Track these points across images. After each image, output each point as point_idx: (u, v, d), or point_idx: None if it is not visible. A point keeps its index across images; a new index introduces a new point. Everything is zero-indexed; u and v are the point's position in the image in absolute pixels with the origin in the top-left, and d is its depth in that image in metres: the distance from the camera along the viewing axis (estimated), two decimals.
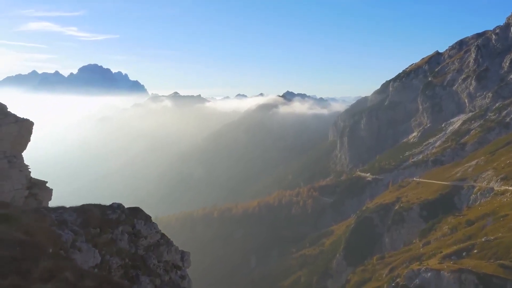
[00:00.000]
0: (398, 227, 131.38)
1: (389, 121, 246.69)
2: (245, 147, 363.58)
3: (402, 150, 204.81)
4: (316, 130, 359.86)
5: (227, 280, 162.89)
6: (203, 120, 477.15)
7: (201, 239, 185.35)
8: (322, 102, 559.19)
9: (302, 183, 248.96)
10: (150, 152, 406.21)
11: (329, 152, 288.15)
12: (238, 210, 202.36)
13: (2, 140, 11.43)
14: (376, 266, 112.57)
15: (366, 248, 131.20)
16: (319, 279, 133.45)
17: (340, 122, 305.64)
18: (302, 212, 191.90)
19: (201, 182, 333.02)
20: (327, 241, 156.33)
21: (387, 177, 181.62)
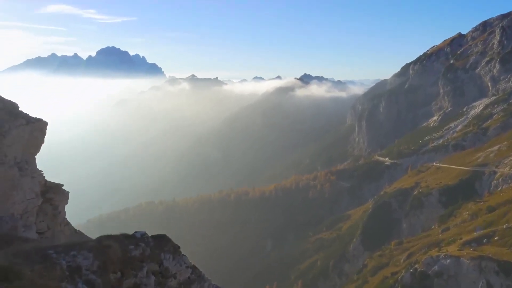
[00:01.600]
0: (417, 212, 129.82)
1: (409, 105, 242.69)
2: (262, 130, 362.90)
3: (422, 135, 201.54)
4: (334, 114, 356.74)
5: (243, 263, 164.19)
6: (220, 103, 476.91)
7: (218, 222, 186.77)
8: (340, 85, 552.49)
9: (319, 167, 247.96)
10: (168, 135, 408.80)
11: (347, 136, 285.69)
12: (254, 193, 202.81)
13: (12, 146, 10.56)
14: (393, 251, 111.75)
15: (384, 233, 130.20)
16: (335, 263, 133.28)
17: (359, 105, 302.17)
18: (319, 196, 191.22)
19: (218, 165, 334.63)
20: (344, 225, 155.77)
21: (406, 162, 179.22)
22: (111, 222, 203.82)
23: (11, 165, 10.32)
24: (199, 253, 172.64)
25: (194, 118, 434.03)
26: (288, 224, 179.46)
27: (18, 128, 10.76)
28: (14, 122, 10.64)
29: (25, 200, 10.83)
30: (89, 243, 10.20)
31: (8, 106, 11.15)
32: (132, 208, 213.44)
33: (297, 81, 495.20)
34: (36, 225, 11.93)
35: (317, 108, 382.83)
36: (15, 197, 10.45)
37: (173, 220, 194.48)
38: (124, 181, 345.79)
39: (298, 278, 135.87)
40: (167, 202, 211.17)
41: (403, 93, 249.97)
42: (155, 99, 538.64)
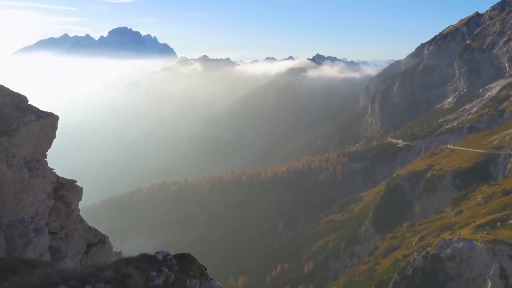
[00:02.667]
0: (430, 195, 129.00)
1: (423, 86, 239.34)
2: (274, 111, 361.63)
3: (436, 116, 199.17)
4: (347, 95, 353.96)
5: (255, 243, 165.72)
6: (232, 84, 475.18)
7: (230, 203, 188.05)
8: (353, 65, 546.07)
9: (332, 148, 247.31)
10: (180, 115, 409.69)
11: (360, 117, 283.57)
12: (267, 175, 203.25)
13: (21, 145, 9.86)
14: (405, 233, 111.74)
15: (396, 216, 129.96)
16: (347, 245, 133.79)
17: (372, 86, 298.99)
18: (331, 178, 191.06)
19: (230, 146, 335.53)
20: (356, 207, 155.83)
21: (419, 144, 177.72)
22: (124, 202, 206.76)
23: (21, 166, 9.73)
24: (211, 234, 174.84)
25: (206, 99, 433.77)
26: (300, 205, 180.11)
27: (28, 125, 10.10)
28: (23, 119, 9.93)
29: (36, 202, 10.27)
30: (105, 271, 8.81)
31: (16, 100, 10.49)
32: (145, 188, 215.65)
33: (309, 62, 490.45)
34: (48, 225, 11.48)
35: (330, 89, 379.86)
36: (25, 200, 9.91)
37: (185, 200, 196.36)
38: (136, 162, 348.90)
39: (309, 259, 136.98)
40: (180, 183, 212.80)
41: (418, 74, 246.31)
42: (167, 80, 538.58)
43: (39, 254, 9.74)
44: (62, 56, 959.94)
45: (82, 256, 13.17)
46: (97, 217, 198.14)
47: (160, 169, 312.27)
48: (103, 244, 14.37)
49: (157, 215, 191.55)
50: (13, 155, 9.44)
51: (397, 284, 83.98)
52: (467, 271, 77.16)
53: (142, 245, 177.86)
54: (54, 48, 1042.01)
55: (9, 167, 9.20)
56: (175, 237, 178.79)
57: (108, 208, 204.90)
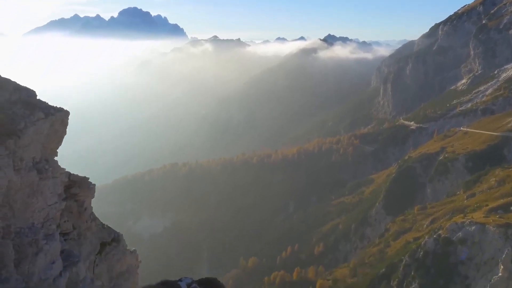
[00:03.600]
0: (442, 178, 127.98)
1: (437, 67, 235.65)
2: (285, 92, 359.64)
3: (450, 98, 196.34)
4: (358, 76, 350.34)
5: (265, 224, 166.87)
6: (243, 65, 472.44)
7: (240, 184, 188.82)
8: (365, 46, 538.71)
9: (343, 130, 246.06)
10: (190, 97, 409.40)
11: (372, 99, 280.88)
12: (277, 156, 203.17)
13: (29, 146, 9.19)
14: (416, 216, 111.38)
15: (407, 198, 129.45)
16: (357, 227, 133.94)
17: (384, 67, 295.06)
18: (342, 160, 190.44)
19: (241, 127, 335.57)
20: (367, 189, 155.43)
21: (432, 126, 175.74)
22: (136, 183, 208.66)
23: (29, 169, 9.10)
24: (221, 215, 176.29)
25: (216, 80, 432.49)
26: (310, 187, 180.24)
27: (36, 124, 9.35)
28: (30, 117, 9.23)
29: (47, 206, 9.67)
30: None
31: (24, 96, 9.81)
32: (156, 170, 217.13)
33: (321, 42, 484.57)
34: (60, 226, 11.05)
35: (341, 70, 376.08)
36: (34, 205, 9.28)
37: (196, 182, 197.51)
38: (147, 143, 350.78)
39: (319, 241, 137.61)
40: (190, 164, 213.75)
41: (431, 54, 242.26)
42: (177, 60, 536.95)
43: (51, 261, 9.34)
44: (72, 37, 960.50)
45: (96, 256, 12.80)
46: (109, 198, 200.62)
47: (171, 151, 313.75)
48: (117, 243, 13.80)
49: (168, 196, 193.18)
50: (20, 158, 8.84)
51: (407, 267, 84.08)
52: (479, 255, 76.87)
53: (154, 226, 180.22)
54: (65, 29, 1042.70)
55: (16, 172, 8.65)
56: (186, 217, 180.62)
57: (120, 189, 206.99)
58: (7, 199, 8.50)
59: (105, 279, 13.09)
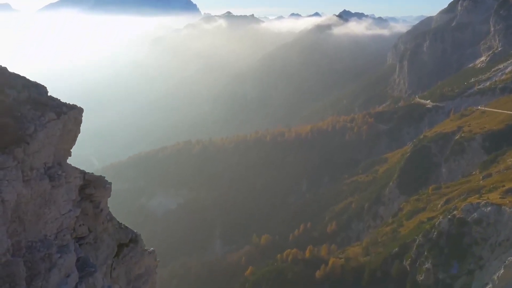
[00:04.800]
0: (457, 157, 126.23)
1: (455, 44, 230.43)
2: (299, 69, 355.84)
3: (467, 76, 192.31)
4: (374, 53, 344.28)
5: (279, 202, 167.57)
6: (256, 41, 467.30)
7: (253, 162, 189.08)
8: (381, 22, 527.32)
9: (357, 108, 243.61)
10: (204, 73, 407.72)
11: (387, 77, 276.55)
12: (291, 134, 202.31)
13: (40, 151, 8.37)
14: (431, 196, 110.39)
15: (421, 178, 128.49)
16: (370, 206, 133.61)
17: (401, 44, 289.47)
18: (356, 139, 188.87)
19: (254, 104, 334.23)
20: (381, 168, 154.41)
21: (448, 105, 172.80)
22: (150, 160, 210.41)
23: (40, 177, 8.34)
24: (234, 192, 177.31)
25: (230, 57, 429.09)
26: (324, 165, 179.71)
27: (47, 126, 8.55)
28: (41, 119, 8.45)
29: (60, 216, 8.97)
30: None
31: (34, 94, 9.01)
32: (169, 147, 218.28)
33: (336, 18, 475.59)
34: (75, 230, 10.43)
35: (357, 46, 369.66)
36: (47, 216, 8.60)
37: (209, 159, 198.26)
38: (160, 120, 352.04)
39: (332, 219, 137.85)
40: (204, 142, 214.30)
41: (450, 31, 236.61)
42: (191, 37, 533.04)
43: (65, 275, 8.71)
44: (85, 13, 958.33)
45: (113, 259, 12.26)
46: (123, 175, 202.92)
47: (184, 128, 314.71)
48: (134, 244, 13.21)
49: (181, 174, 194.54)
50: (30, 167, 8.13)
51: (421, 247, 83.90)
52: (494, 236, 76.19)
53: (167, 203, 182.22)
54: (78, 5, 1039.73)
55: (26, 183, 7.95)
56: (199, 195, 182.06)
57: (134, 165, 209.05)
58: (16, 214, 7.86)
59: (122, 283, 12.63)
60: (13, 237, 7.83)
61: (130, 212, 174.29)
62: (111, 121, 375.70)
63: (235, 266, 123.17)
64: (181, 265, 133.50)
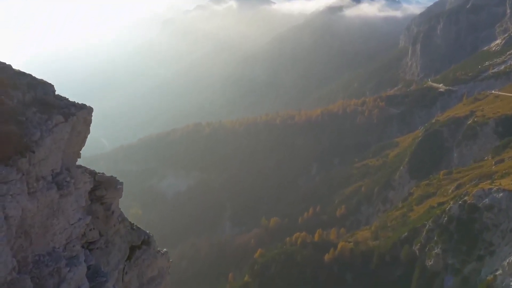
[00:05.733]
0: (470, 142, 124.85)
1: (470, 27, 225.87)
2: (310, 51, 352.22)
3: (482, 60, 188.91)
4: (386, 35, 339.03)
5: (288, 185, 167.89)
6: (267, 23, 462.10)
7: (263, 145, 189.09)
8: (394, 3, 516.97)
9: (368, 91, 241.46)
10: (213, 55, 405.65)
11: (399, 60, 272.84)
12: (301, 117, 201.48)
13: (47, 158, 7.75)
14: (442, 181, 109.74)
15: (432, 163, 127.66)
16: (380, 190, 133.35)
17: (414, 26, 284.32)
18: (367, 122, 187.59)
19: (264, 87, 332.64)
20: (391, 152, 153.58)
21: (461, 89, 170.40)
22: (160, 142, 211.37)
23: (47, 187, 7.73)
24: (244, 175, 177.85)
25: (240, 39, 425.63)
26: (334, 149, 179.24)
27: (54, 131, 7.90)
28: (48, 123, 7.82)
29: (69, 226, 8.36)
30: None
31: (40, 94, 8.33)
32: (179, 129, 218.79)
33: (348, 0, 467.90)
34: (85, 235, 9.91)
35: (369, 28, 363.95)
36: (55, 227, 8.01)
37: (219, 142, 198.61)
38: (170, 102, 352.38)
39: (341, 203, 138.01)
40: (214, 124, 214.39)
41: (464, 13, 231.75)
42: (200, 18, 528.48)
43: (75, 287, 8.21)
44: None
45: (125, 263, 11.72)
46: (134, 157, 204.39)
47: (193, 110, 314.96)
48: (147, 246, 12.64)
49: (191, 156, 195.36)
50: (36, 177, 7.51)
51: (430, 232, 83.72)
52: (505, 222, 75.74)
53: (177, 184, 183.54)
54: None
55: (31, 196, 7.36)
56: (209, 177, 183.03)
57: (144, 147, 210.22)
58: (22, 229, 7.31)
59: (134, 286, 12.16)
60: (19, 253, 7.32)
61: (140, 194, 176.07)
62: (121, 103, 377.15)
63: (244, 248, 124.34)
64: (190, 246, 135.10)
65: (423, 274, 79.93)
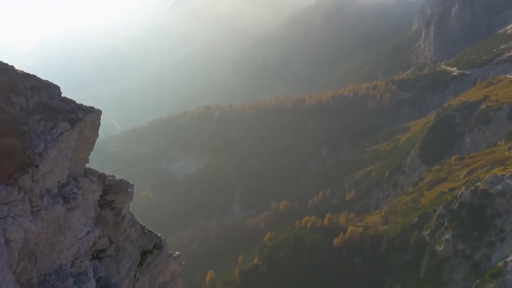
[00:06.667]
0: (483, 127, 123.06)
1: (486, 9, 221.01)
2: (321, 34, 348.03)
3: (497, 43, 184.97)
4: (399, 17, 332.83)
5: (298, 169, 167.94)
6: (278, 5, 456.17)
7: (274, 129, 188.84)
8: None
9: (380, 75, 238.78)
10: (224, 37, 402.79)
11: (412, 42, 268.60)
12: (311, 100, 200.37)
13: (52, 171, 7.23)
14: (453, 166, 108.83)
15: (444, 148, 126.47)
16: (390, 175, 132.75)
17: (427, 8, 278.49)
18: (378, 106, 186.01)
19: (275, 69, 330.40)
20: (403, 137, 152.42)
21: (475, 73, 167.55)
22: (171, 124, 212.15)
23: (53, 202, 7.19)
24: (254, 158, 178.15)
25: (251, 21, 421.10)
26: (344, 133, 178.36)
27: (60, 140, 7.28)
28: (53, 132, 7.21)
29: (76, 241, 7.79)
30: None
31: (44, 98, 7.72)
32: (190, 112, 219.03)
33: None
34: (95, 244, 9.41)
35: (381, 10, 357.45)
36: (61, 243, 7.43)
37: (230, 125, 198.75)
38: (180, 85, 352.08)
39: (351, 187, 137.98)
40: (224, 107, 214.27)
41: None
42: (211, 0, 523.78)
43: None
44: None
45: (136, 269, 11.08)
46: (145, 139, 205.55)
47: (204, 93, 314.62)
48: (159, 250, 11.98)
49: (202, 138, 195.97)
50: (40, 194, 6.94)
51: (441, 217, 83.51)
52: None
53: (188, 167, 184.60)
54: None
55: (35, 216, 6.80)
56: (219, 160, 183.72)
57: (155, 130, 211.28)
58: (25, 250, 6.79)
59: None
60: (22, 275, 6.77)
61: (151, 176, 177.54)
62: (131, 85, 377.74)
63: (254, 231, 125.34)
64: (201, 228, 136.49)
65: (432, 259, 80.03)
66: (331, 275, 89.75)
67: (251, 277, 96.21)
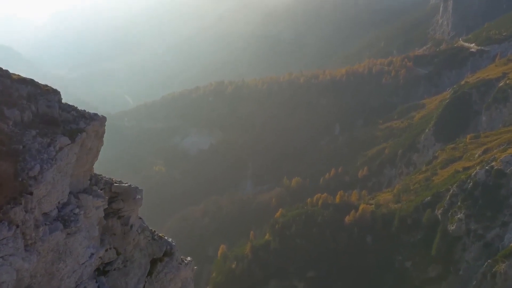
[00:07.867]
0: (500, 106, 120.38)
1: None
2: (336, 9, 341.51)
3: None
4: None
5: (310, 145, 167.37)
6: None
7: (286, 104, 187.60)
8: None
9: (395, 51, 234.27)
10: (236, 12, 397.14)
11: (429, 17, 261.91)
12: (325, 77, 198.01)
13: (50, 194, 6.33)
14: (468, 145, 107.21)
15: (460, 126, 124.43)
16: (404, 152, 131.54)
17: None
18: (393, 83, 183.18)
19: (288, 44, 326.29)
20: (417, 114, 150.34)
21: (494, 49, 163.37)
22: (183, 100, 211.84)
23: (51, 229, 6.49)
24: (266, 134, 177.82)
25: None
26: (358, 109, 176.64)
27: (58, 158, 6.58)
28: (50, 150, 6.47)
29: (78, 267, 7.10)
30: None
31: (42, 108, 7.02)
32: (202, 87, 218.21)
33: None
34: (101, 257, 8.83)
35: None
36: (62, 271, 6.79)
37: (242, 100, 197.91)
38: (193, 59, 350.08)
39: (364, 164, 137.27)
40: (236, 82, 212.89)
41: None
42: None
43: None
44: None
45: (146, 279, 10.41)
46: (157, 114, 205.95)
47: (216, 68, 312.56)
48: (170, 258, 11.34)
49: (214, 114, 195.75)
50: (36, 223, 6.27)
51: (454, 197, 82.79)
52: None
53: (200, 142, 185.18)
54: None
55: (29, 249, 6.12)
56: (232, 135, 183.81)
57: (168, 105, 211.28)
58: (21, 285, 6.08)
59: None
60: None
61: (164, 151, 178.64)
62: (143, 59, 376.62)
63: (265, 207, 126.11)
64: (213, 203, 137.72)
65: (444, 238, 79.77)
66: (342, 253, 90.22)
67: (263, 253, 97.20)
